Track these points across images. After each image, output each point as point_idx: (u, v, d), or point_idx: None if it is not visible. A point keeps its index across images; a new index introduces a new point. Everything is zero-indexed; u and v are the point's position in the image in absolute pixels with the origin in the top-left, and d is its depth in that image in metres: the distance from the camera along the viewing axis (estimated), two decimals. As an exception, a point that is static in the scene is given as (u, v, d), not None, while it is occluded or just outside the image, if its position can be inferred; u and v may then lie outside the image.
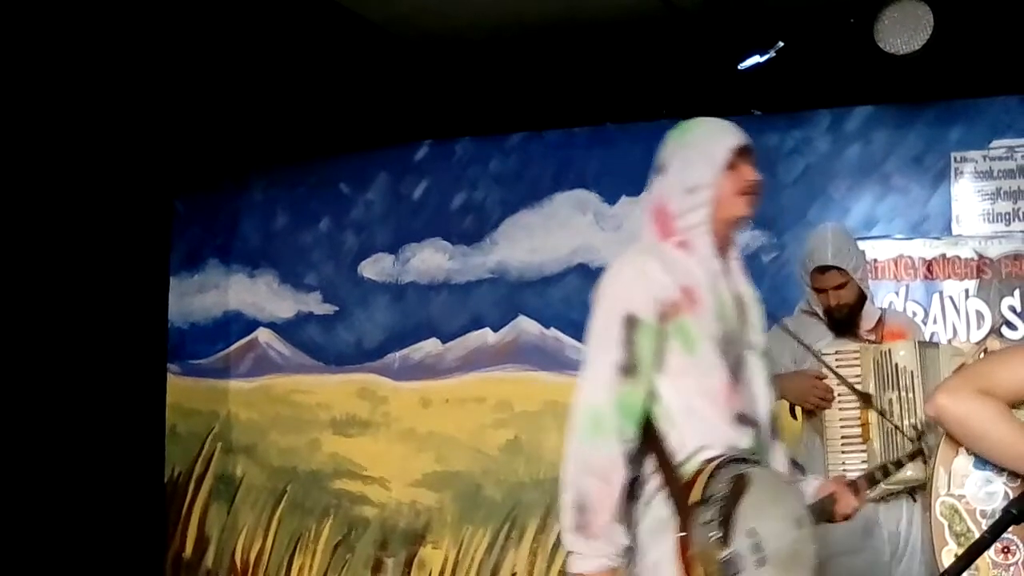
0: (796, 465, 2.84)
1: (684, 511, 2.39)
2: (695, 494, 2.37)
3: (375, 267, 6.05)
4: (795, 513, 2.47)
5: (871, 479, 2.89)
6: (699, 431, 2.46)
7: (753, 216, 2.74)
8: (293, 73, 5.22)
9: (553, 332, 5.64)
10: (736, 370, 2.53)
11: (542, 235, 5.68)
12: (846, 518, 2.69)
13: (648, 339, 2.45)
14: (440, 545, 5.73)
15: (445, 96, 5.53)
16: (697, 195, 2.56)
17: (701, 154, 2.62)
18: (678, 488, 2.43)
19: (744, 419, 2.51)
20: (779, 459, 2.64)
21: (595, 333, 2.51)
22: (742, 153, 2.65)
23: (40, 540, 5.35)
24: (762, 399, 2.59)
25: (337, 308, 6.13)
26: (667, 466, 2.46)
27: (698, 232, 2.55)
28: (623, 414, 2.47)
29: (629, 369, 2.44)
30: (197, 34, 4.74)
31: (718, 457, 2.42)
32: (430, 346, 5.88)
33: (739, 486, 2.37)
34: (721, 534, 2.31)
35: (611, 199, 5.57)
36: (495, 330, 5.75)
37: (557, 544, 5.50)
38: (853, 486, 2.72)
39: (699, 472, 2.41)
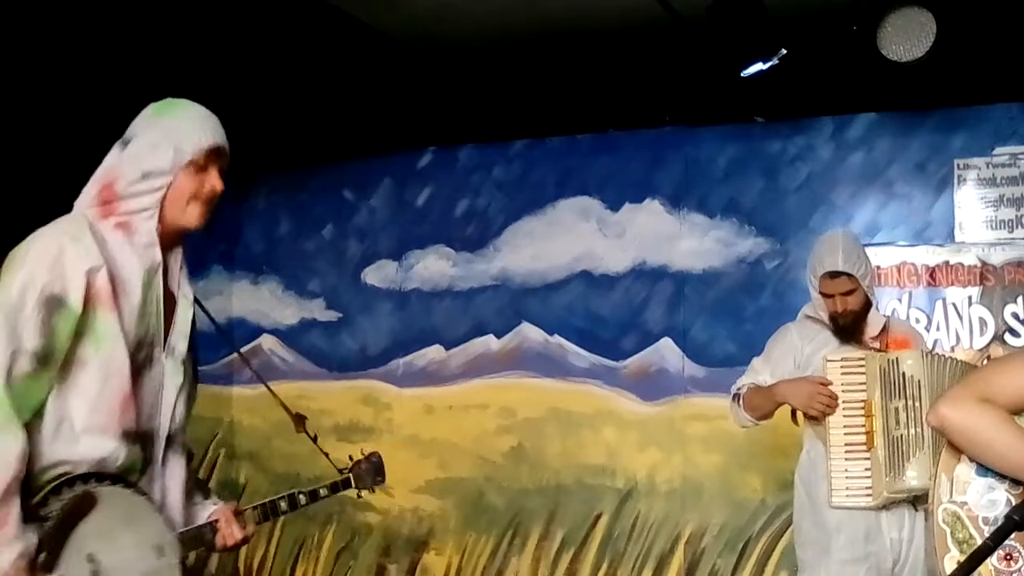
0: (200, 486, 2.60)
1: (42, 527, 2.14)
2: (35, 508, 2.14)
3: (378, 274, 6.06)
4: (154, 540, 2.28)
5: (269, 510, 2.64)
6: (66, 441, 2.21)
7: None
8: (297, 79, 5.23)
9: (556, 339, 5.64)
10: (140, 375, 2.31)
11: (545, 242, 5.69)
12: (226, 548, 2.51)
13: (68, 326, 2.19)
14: (443, 551, 5.73)
15: (449, 103, 5.54)
16: (151, 181, 2.33)
17: (170, 140, 2.36)
18: (29, 505, 2.15)
19: (128, 434, 2.28)
20: (174, 477, 2.41)
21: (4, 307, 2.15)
22: (215, 156, 2.42)
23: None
24: (167, 409, 2.39)
25: (340, 315, 6.14)
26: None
27: (143, 217, 2.33)
28: (25, 407, 2.16)
29: (43, 358, 2.16)
30: (201, 40, 4.75)
31: (69, 474, 2.19)
32: (433, 353, 5.88)
33: (82, 507, 2.17)
34: (47, 556, 2.11)
35: (614, 206, 5.58)
36: (498, 337, 5.76)
37: (560, 550, 5.50)
38: (241, 516, 2.54)
39: (48, 488, 2.17)
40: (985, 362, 4.75)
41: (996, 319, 4.86)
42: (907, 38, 4.44)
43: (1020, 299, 4.83)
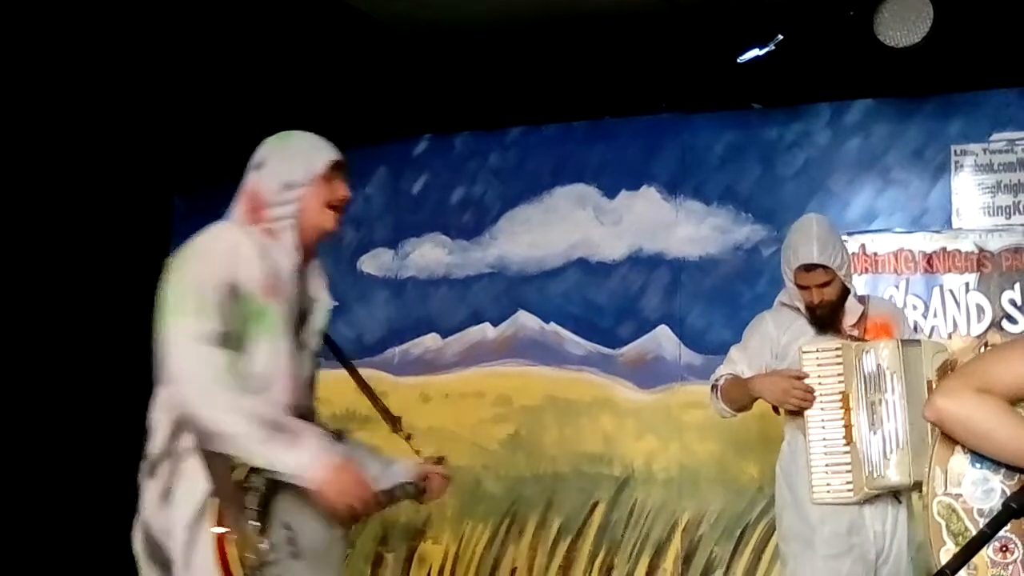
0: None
1: (224, 492, 2.43)
2: (237, 477, 2.44)
3: (374, 262, 6.04)
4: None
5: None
6: None
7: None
8: (292, 68, 5.21)
9: (553, 327, 5.63)
10: (288, 361, 2.63)
11: (542, 229, 5.67)
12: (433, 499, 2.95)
13: (243, 311, 2.51)
14: (440, 540, 5.73)
15: (444, 90, 5.52)
16: (290, 192, 2.66)
17: (301, 158, 2.70)
18: (219, 468, 2.45)
19: (301, 412, 2.61)
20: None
21: (188, 295, 2.47)
22: (338, 168, 2.73)
23: (39, 540, 5.35)
24: (312, 395, 2.75)
25: (336, 303, 6.06)
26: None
27: (284, 225, 2.65)
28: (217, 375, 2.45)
29: (223, 338, 2.46)
30: (196, 30, 4.73)
31: None
32: (430, 341, 5.87)
33: (277, 480, 2.44)
34: (259, 523, 2.40)
35: (611, 193, 5.56)
36: (495, 325, 5.74)
37: (558, 538, 5.50)
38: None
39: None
40: (983, 349, 4.75)
41: (993, 306, 4.85)
42: (904, 23, 4.43)
43: (1017, 285, 4.82)
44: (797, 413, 3.65)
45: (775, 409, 3.81)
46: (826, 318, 3.68)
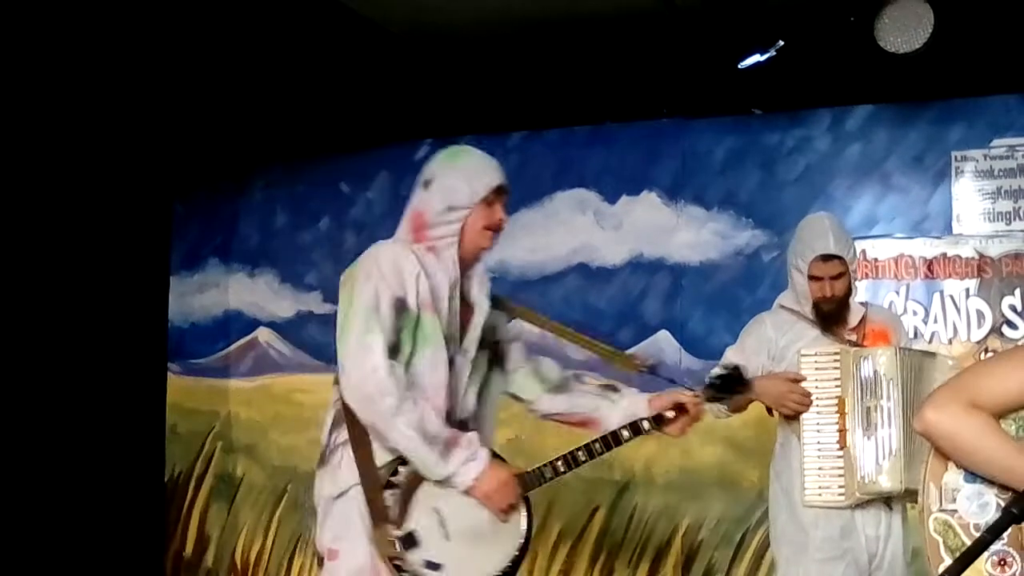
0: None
1: (369, 483, 2.75)
2: (383, 476, 2.76)
3: (375, 266, 6.03)
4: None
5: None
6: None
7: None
8: (293, 72, 5.21)
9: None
10: (449, 369, 2.85)
11: (542, 234, 5.67)
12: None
13: (411, 324, 2.78)
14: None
15: (445, 95, 5.53)
16: (453, 213, 2.86)
17: (466, 181, 2.88)
18: (366, 461, 2.78)
19: (449, 416, 2.82)
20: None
21: (362, 311, 2.78)
22: (500, 192, 2.93)
23: (40, 539, 5.35)
24: (461, 399, 2.91)
25: (337, 307, 6.11)
26: (364, 443, 2.78)
27: (446, 243, 2.87)
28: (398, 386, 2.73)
29: (393, 349, 2.74)
30: (196, 34, 4.73)
31: None
32: (431, 345, 5.86)
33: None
34: (398, 512, 2.72)
35: (611, 198, 5.57)
36: (495, 329, 5.74)
37: (558, 543, 5.50)
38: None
39: (393, 460, 2.77)
40: (983, 355, 4.75)
41: (994, 312, 4.85)
42: (905, 30, 4.44)
43: (1018, 291, 4.83)
44: (792, 416, 3.65)
45: (769, 411, 3.81)
46: (833, 314, 3.69)
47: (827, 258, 3.64)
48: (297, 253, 6.25)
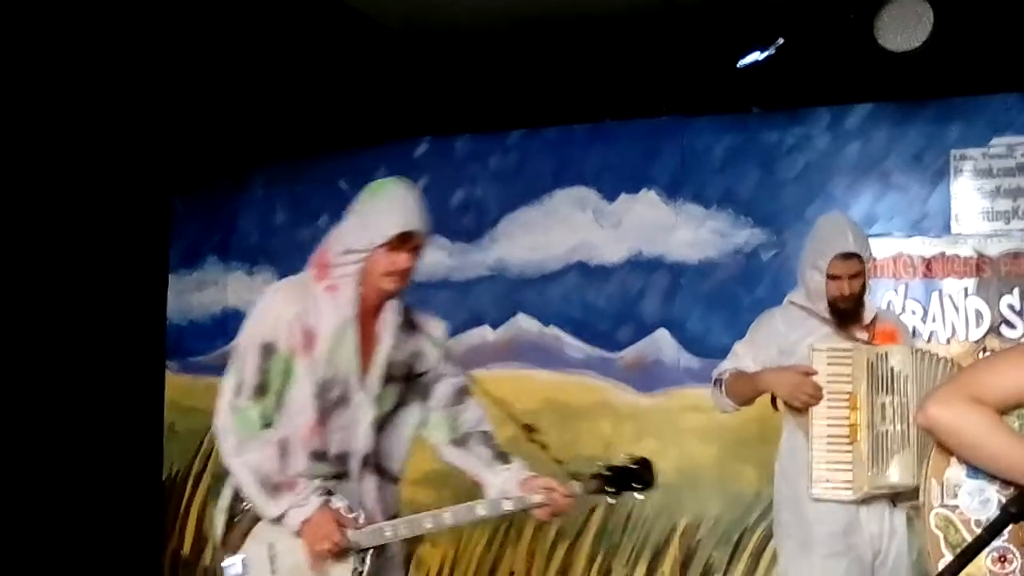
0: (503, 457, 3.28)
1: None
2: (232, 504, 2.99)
3: (374, 264, 6.02)
4: None
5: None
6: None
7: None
8: (292, 70, 5.21)
9: (552, 330, 5.63)
10: (334, 408, 2.90)
11: (541, 232, 5.67)
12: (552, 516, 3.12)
13: (278, 367, 2.87)
14: (438, 543, 5.71)
15: (445, 93, 5.52)
16: (351, 257, 2.88)
17: (365, 226, 2.88)
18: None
19: (319, 455, 2.90)
20: (368, 491, 2.99)
21: (241, 351, 2.92)
22: (404, 239, 2.87)
23: (38, 538, 5.35)
24: (360, 437, 2.94)
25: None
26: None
27: (346, 282, 2.89)
28: (250, 427, 2.91)
29: (258, 390, 2.89)
30: (195, 31, 4.73)
31: None
32: (429, 344, 5.85)
33: None
34: (224, 542, 2.93)
35: (611, 196, 5.56)
36: (494, 328, 5.74)
37: (555, 543, 5.49)
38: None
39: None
40: (982, 354, 4.75)
41: (992, 311, 4.85)
42: (904, 28, 4.44)
43: (1016, 291, 4.82)
44: (800, 410, 3.65)
45: (773, 404, 3.81)
46: (849, 312, 3.70)
47: (846, 256, 3.65)
48: (296, 251, 6.19)
